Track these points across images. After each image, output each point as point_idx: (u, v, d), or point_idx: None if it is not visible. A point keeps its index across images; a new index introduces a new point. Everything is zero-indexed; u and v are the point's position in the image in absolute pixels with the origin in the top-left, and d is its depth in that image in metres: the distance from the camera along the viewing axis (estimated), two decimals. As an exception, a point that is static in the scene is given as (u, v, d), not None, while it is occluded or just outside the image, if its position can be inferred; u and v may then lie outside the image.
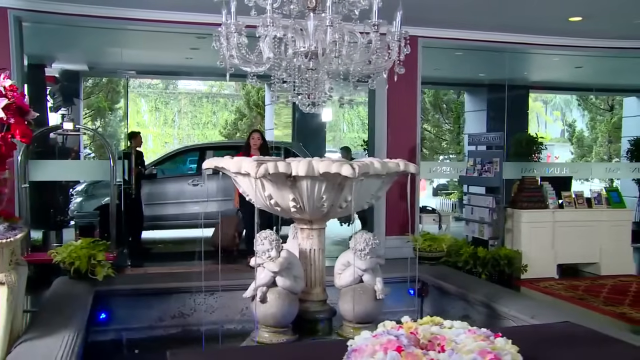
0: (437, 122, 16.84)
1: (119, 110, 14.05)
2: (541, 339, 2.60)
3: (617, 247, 7.88)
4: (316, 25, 3.53)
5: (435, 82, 15.41)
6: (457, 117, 15.97)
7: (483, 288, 4.69)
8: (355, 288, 3.81)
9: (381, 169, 3.50)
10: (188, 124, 31.62)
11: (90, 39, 9.52)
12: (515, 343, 2.35)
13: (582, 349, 2.42)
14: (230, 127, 17.81)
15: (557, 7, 7.65)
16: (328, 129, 29.15)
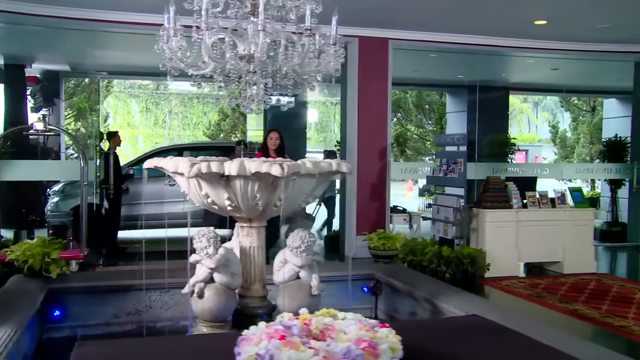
0: (420, 122, 16.99)
1: (101, 110, 14.13)
2: (446, 330, 2.73)
3: (580, 246, 8.02)
4: (253, 29, 3.64)
5: (417, 83, 15.58)
6: (440, 117, 16.11)
7: (428, 285, 4.82)
8: (292, 284, 3.93)
9: (313, 169, 3.62)
10: (179, 125, 31.72)
11: (70, 39, 9.63)
12: (422, 334, 2.49)
13: (478, 339, 2.55)
14: (214, 128, 17.94)
15: (523, 11, 7.80)
16: (319, 129, 29.28)
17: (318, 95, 20.02)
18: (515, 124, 32.66)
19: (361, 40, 8.85)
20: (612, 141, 11.67)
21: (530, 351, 2.36)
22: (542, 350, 2.37)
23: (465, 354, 2.33)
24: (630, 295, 6.77)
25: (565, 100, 19.00)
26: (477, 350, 2.34)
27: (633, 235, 10.44)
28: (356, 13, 8.01)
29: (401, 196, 17.76)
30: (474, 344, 2.43)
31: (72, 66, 12.10)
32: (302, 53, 3.67)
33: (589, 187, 17.43)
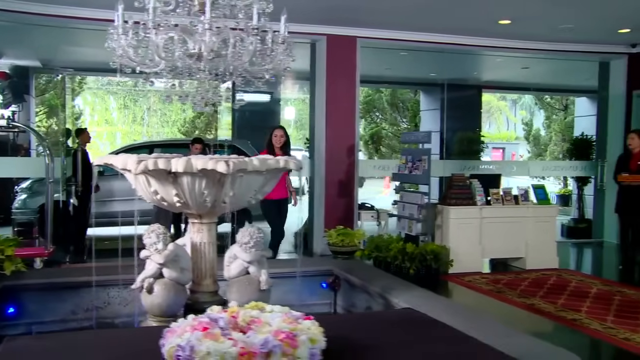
0: (394, 121, 17.10)
1: (73, 107, 14.06)
2: (377, 323, 2.80)
3: (543, 242, 8.15)
4: (201, 28, 3.68)
5: (391, 81, 15.71)
6: (414, 115, 16.25)
7: (382, 280, 4.90)
8: (242, 279, 3.99)
9: (260, 166, 3.68)
10: (157, 122, 31.58)
11: (40, 36, 9.57)
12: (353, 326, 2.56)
13: (405, 331, 2.62)
14: (189, 125, 17.92)
15: (487, 11, 7.91)
16: (298, 127, 29.29)
17: (297, 92, 20.07)
18: (493, 122, 33.02)
19: (329, 38, 8.92)
20: (578, 139, 11.86)
21: (452, 342, 2.44)
22: (465, 342, 2.45)
23: (387, 344, 2.41)
24: (587, 290, 6.92)
25: (538, 99, 19.23)
26: (400, 341, 2.42)
27: (597, 232, 10.62)
28: (324, 11, 8.08)
29: (379, 193, 17.89)
30: (400, 336, 2.51)
31: (43, 62, 12.03)
32: (250, 52, 3.70)
33: (562, 184, 17.71)
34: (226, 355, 2.04)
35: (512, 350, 3.19)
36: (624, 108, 10.27)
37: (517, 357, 3.12)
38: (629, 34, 9.10)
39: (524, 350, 3.24)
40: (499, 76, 14.46)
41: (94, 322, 5.07)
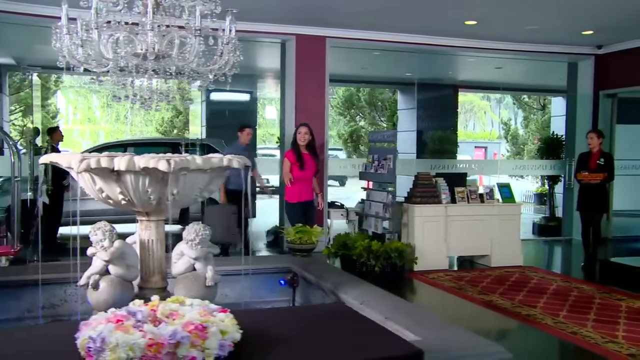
0: (373, 119, 17.22)
1: (50, 106, 14.04)
2: (303, 317, 2.88)
3: (507, 239, 8.28)
4: (146, 28, 3.74)
5: (369, 81, 15.83)
6: (391, 114, 16.36)
7: (334, 277, 4.98)
8: (188, 276, 4.05)
9: (203, 164, 3.73)
10: (141, 121, 31.55)
11: (11, 33, 9.56)
12: (277, 320, 2.64)
13: (327, 324, 2.71)
14: (167, 125, 17.96)
15: (453, 12, 8.02)
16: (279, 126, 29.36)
17: (277, 92, 20.14)
18: (476, 122, 33.25)
19: (299, 38, 9.00)
20: (549, 138, 12.01)
21: (366, 334, 2.53)
22: (380, 334, 2.54)
23: (302, 337, 2.49)
24: (546, 287, 7.04)
25: (516, 99, 19.42)
26: (315, 334, 2.51)
27: (567, 230, 10.78)
28: (294, 12, 8.16)
29: (359, 192, 17.99)
30: (318, 329, 2.59)
31: (16, 60, 12.01)
32: (194, 52, 3.77)
33: (540, 183, 17.90)
34: (134, 346, 2.12)
35: (444, 344, 3.29)
36: (591, 108, 10.43)
37: (449, 350, 3.23)
38: (593, 35, 9.25)
39: (455, 343, 3.35)
40: (473, 76, 14.61)
41: (40, 319, 5.12)
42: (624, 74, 9.90)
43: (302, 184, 7.33)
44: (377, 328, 2.68)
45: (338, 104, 17.82)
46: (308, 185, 7.33)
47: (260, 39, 9.42)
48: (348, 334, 2.57)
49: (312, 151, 7.34)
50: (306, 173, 7.31)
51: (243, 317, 2.74)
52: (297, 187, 7.32)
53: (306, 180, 7.35)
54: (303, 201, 7.27)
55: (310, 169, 7.34)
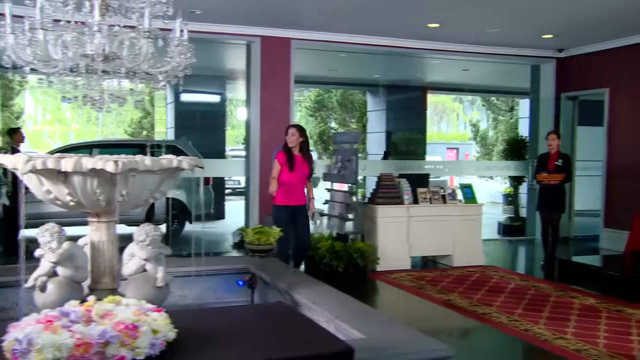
0: (343, 121, 17.30)
1: (14, 106, 13.85)
2: (244, 315, 2.92)
3: (469, 240, 8.39)
4: (93, 29, 3.74)
5: (339, 82, 15.89)
6: (361, 116, 16.46)
7: (289, 277, 5.02)
8: (139, 277, 4.06)
9: (152, 165, 3.74)
10: (112, 122, 31.22)
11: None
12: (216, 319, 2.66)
13: (264, 323, 2.74)
14: (136, 125, 17.83)
15: (416, 15, 8.10)
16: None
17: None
18: (449, 123, 33.56)
19: (263, 39, 9.02)
20: (513, 140, 12.19)
21: (299, 332, 2.58)
22: (313, 332, 2.58)
23: (237, 334, 2.53)
24: (505, 286, 7.16)
25: (485, 101, 19.65)
26: (250, 332, 2.54)
27: (530, 229, 10.94)
28: (258, 13, 8.19)
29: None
30: (254, 327, 2.63)
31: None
32: (143, 54, 3.78)
33: (508, 184, 18.12)
34: (62, 347, 2.13)
35: (389, 342, 3.35)
36: (553, 110, 10.61)
37: (393, 347, 3.29)
38: (553, 39, 9.42)
39: (400, 341, 3.40)
40: (441, 77, 14.76)
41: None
42: (584, 77, 10.10)
43: (290, 187, 6.92)
44: (313, 326, 2.72)
45: (309, 106, 17.89)
46: (298, 190, 6.91)
47: (226, 41, 9.42)
48: (283, 332, 2.61)
49: (305, 154, 6.96)
50: (295, 176, 6.90)
51: (182, 317, 2.78)
52: (284, 189, 6.93)
53: (296, 184, 6.93)
54: (291, 205, 6.87)
55: (300, 172, 6.91)
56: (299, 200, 6.94)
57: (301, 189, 6.96)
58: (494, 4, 7.42)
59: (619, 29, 8.68)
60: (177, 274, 5.29)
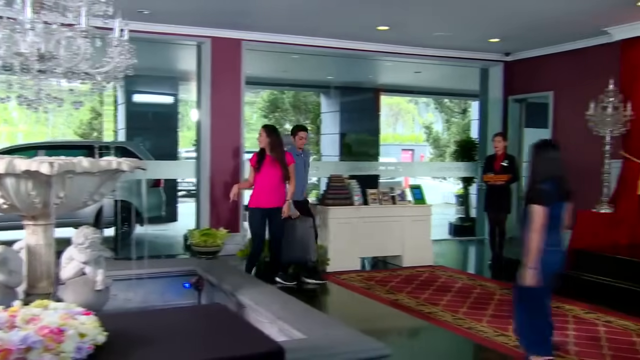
0: (297, 122, 17.29)
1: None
2: (183, 317, 2.90)
3: (418, 240, 8.49)
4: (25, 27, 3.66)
5: (292, 84, 15.91)
6: (315, 117, 16.50)
7: (234, 279, 5.01)
8: (78, 280, 3.99)
9: (90, 167, 3.68)
10: (63, 123, 30.53)
11: None
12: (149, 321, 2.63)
13: (201, 324, 2.73)
14: (86, 127, 17.48)
15: (364, 17, 8.15)
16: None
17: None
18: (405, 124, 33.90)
19: (214, 40, 8.96)
20: (463, 141, 12.40)
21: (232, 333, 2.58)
22: (247, 332, 2.58)
23: (172, 337, 2.51)
24: (452, 285, 7.28)
25: (438, 102, 19.94)
26: (181, 333, 2.53)
27: (480, 230, 11.14)
28: (209, 14, 8.13)
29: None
30: (191, 329, 2.62)
31: None
32: (81, 54, 3.71)
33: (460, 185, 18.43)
34: (-20, 353, 2.08)
35: (328, 341, 3.38)
36: (501, 112, 10.84)
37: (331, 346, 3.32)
38: (500, 43, 9.63)
39: (339, 340, 3.44)
40: (394, 79, 14.90)
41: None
42: (529, 81, 10.35)
43: (261, 188, 6.78)
44: (247, 327, 2.72)
45: (263, 107, 17.84)
46: (271, 191, 6.72)
47: (176, 41, 9.33)
48: (217, 333, 2.61)
49: (276, 154, 6.76)
50: (263, 177, 6.76)
51: (116, 319, 2.74)
52: (255, 191, 6.82)
53: (267, 185, 6.76)
54: (263, 207, 6.71)
55: (269, 174, 6.76)
56: (272, 203, 6.75)
57: (274, 190, 6.77)
58: (441, 8, 7.53)
59: (560, 34, 8.92)
60: (122, 277, 5.24)
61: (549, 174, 4.34)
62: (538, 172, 4.42)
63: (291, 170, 6.91)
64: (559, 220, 4.35)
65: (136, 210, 10.01)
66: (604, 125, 8.06)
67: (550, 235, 4.24)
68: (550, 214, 4.21)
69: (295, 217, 7.13)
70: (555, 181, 4.32)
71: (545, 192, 4.24)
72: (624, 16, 7.75)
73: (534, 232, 4.20)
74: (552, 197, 4.25)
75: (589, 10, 7.51)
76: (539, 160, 4.47)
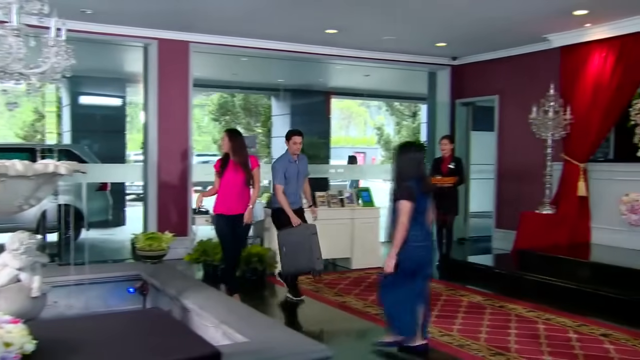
0: (248, 125, 17.25)
1: None
2: (120, 322, 2.84)
3: (367, 242, 8.56)
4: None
5: (242, 86, 15.86)
6: (266, 120, 16.47)
7: (179, 283, 4.95)
8: (12, 287, 3.86)
9: (24, 170, 3.58)
10: (5, 124, 29.65)
11: None
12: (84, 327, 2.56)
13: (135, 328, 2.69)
14: (29, 129, 17.03)
15: (312, 20, 8.17)
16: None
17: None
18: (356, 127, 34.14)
19: (161, 42, 8.85)
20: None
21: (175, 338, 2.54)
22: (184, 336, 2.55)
23: (107, 343, 2.46)
24: (399, 286, 7.34)
25: (389, 106, 20.16)
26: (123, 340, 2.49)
27: (429, 231, 11.27)
28: (155, 15, 8.01)
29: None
30: (128, 334, 2.57)
31: None
32: (14, 53, 3.61)
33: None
34: None
35: (270, 344, 3.37)
36: (448, 115, 11.03)
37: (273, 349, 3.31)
38: (447, 47, 9.80)
39: (281, 343, 3.43)
40: (344, 83, 14.99)
41: None
42: (476, 85, 10.57)
43: (225, 194, 6.45)
44: (185, 331, 2.70)
45: (213, 110, 17.71)
46: (235, 197, 6.36)
47: (122, 43, 9.17)
48: (154, 338, 2.57)
49: (241, 159, 6.43)
50: (227, 183, 6.43)
51: (49, 327, 2.68)
52: (219, 197, 6.50)
53: (231, 191, 6.42)
54: (227, 214, 6.37)
55: (232, 178, 6.43)
56: (236, 209, 6.37)
57: (239, 196, 6.41)
58: (388, 12, 7.61)
59: (505, 40, 9.14)
60: (63, 284, 5.12)
61: (412, 173, 4.75)
62: (402, 172, 4.83)
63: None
64: (424, 215, 4.80)
65: (81, 214, 9.80)
66: (546, 128, 8.30)
67: (417, 230, 4.71)
68: (416, 209, 4.64)
69: (297, 225, 6.68)
70: (418, 180, 4.75)
71: (410, 189, 4.65)
72: (562, 24, 8.00)
73: (400, 224, 4.62)
74: (416, 194, 4.66)
75: (529, 18, 7.72)
76: (403, 161, 4.89)
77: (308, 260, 6.48)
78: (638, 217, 7.72)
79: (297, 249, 6.49)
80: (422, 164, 4.95)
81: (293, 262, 6.53)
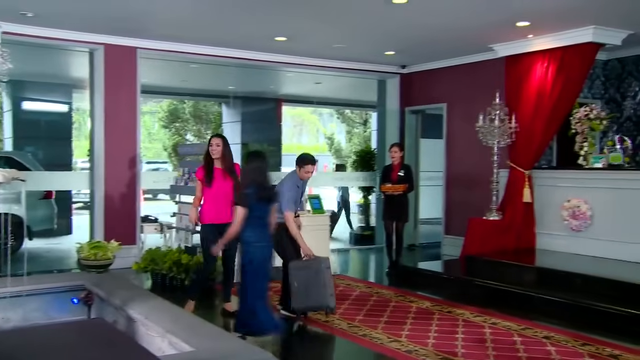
0: (198, 132, 17.09)
1: None
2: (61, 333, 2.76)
3: (317, 249, 8.43)
4: None
5: (193, 93, 15.71)
6: (217, 127, 16.34)
7: (124, 293, 4.85)
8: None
9: (-41, 177, 3.46)
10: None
11: None
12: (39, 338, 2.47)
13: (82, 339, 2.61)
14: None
15: (262, 28, 8.16)
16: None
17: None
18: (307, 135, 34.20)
19: (107, 47, 8.69)
20: (362, 151, 12.68)
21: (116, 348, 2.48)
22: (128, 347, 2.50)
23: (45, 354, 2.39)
24: (350, 293, 7.38)
25: (339, 113, 20.27)
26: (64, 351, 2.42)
27: (380, 238, 11.36)
28: (102, 20, 7.86)
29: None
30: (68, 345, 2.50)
31: None
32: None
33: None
34: None
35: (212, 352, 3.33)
36: (398, 123, 11.16)
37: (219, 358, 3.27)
38: (395, 56, 9.92)
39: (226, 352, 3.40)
40: (295, 90, 15.01)
41: None
42: (424, 93, 10.73)
43: (215, 203, 6.24)
44: (128, 342, 2.64)
45: (163, 117, 17.48)
46: (226, 206, 6.11)
47: (67, 47, 8.96)
48: (96, 349, 2.50)
49: (228, 166, 6.24)
50: (217, 191, 6.23)
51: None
52: (207, 206, 6.28)
53: (220, 200, 6.22)
54: (217, 223, 6.08)
55: (222, 187, 6.23)
56: (227, 217, 5.96)
57: (229, 204, 6.10)
58: (336, 20, 7.66)
59: (452, 49, 9.32)
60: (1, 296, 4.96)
61: (253, 181, 5.08)
62: (245, 179, 5.22)
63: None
64: (264, 219, 5.14)
65: (24, 223, 9.51)
66: (492, 136, 8.48)
67: (258, 232, 5.07)
68: (255, 214, 5.02)
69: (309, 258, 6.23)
70: (258, 187, 5.06)
71: (247, 196, 5.01)
72: (506, 35, 8.21)
73: (232, 225, 5.05)
74: (253, 200, 5.00)
75: (474, 28, 7.90)
76: (247, 169, 5.25)
77: (322, 296, 5.99)
78: (579, 222, 7.95)
79: (308, 283, 6.00)
80: (265, 172, 5.19)
81: (304, 298, 6.03)
